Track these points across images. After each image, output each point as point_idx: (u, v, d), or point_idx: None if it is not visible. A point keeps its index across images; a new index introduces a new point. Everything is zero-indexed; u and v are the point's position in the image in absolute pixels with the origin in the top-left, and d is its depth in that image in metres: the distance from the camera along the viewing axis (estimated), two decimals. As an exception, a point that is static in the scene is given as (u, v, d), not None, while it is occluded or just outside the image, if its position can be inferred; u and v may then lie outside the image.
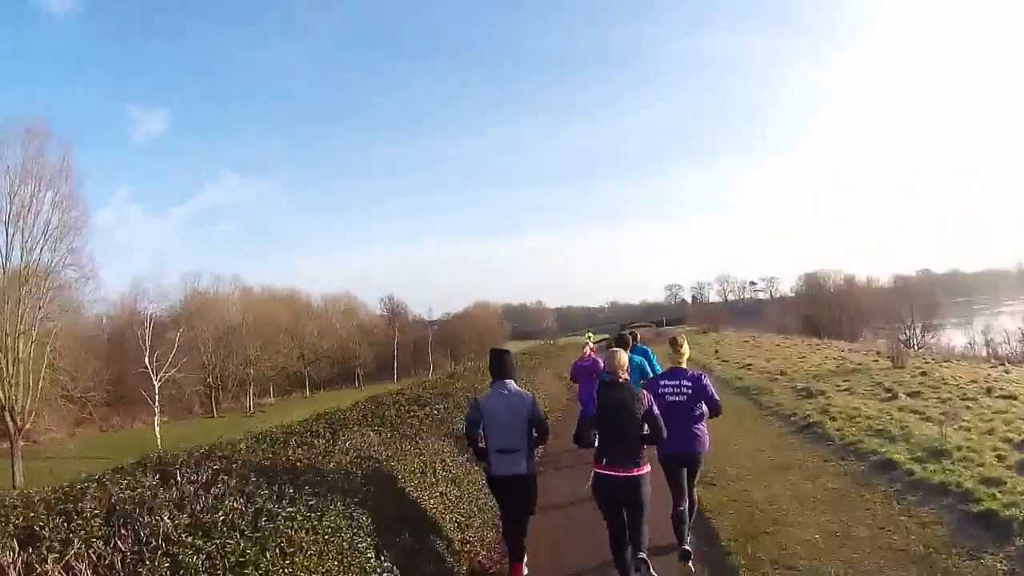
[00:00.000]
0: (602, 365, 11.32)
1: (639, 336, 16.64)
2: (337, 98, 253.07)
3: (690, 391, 8.74)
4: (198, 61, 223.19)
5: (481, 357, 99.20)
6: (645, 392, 7.82)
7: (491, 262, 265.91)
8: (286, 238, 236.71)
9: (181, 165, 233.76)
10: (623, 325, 78.71)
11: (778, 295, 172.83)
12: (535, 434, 8.21)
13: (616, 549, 7.60)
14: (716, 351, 45.07)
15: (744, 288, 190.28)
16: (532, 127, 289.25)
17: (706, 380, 8.97)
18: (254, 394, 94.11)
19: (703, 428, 8.83)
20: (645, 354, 14.74)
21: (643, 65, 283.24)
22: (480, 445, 8.22)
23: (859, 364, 29.55)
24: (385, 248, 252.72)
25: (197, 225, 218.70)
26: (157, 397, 60.39)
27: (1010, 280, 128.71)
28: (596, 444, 7.75)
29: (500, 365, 8.49)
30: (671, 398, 8.66)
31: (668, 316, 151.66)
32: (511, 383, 8.38)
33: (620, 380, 7.70)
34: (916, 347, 78.80)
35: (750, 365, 32.95)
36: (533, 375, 25.39)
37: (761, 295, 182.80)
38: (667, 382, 8.89)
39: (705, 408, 8.84)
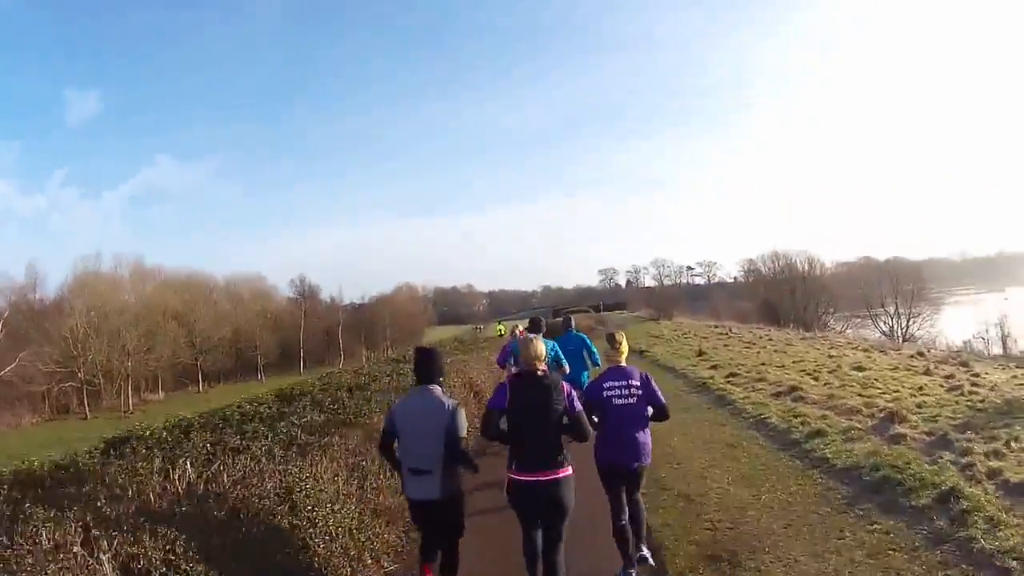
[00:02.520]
0: None
1: (573, 322, 15.92)
2: (272, 78, 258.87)
3: (640, 392, 7.97)
4: (132, 42, 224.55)
5: (400, 345, 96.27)
6: (564, 384, 7.07)
7: (421, 245, 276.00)
8: (221, 222, 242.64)
9: (116, 148, 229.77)
10: (556, 310, 72.83)
11: (716, 280, 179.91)
12: (449, 452, 7.13)
13: (529, 556, 7.01)
14: (701, 351, 33.20)
15: (681, 272, 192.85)
16: (464, 103, 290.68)
17: (653, 381, 8.23)
18: (140, 388, 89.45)
19: (648, 437, 8.11)
20: (583, 343, 14.37)
21: (578, 38, 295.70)
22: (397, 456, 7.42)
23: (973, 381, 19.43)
24: (314, 232, 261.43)
25: (135, 208, 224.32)
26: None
27: (954, 269, 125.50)
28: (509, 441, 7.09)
29: (425, 366, 7.44)
30: (619, 401, 7.92)
31: (606, 300, 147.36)
32: (435, 389, 7.33)
33: (536, 371, 7.02)
34: (902, 337, 76.35)
35: (799, 391, 19.01)
36: (466, 363, 23.81)
37: (699, 280, 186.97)
38: (613, 383, 8.01)
39: (650, 411, 8.10)
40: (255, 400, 17.52)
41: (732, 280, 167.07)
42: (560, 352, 13.63)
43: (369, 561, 8.58)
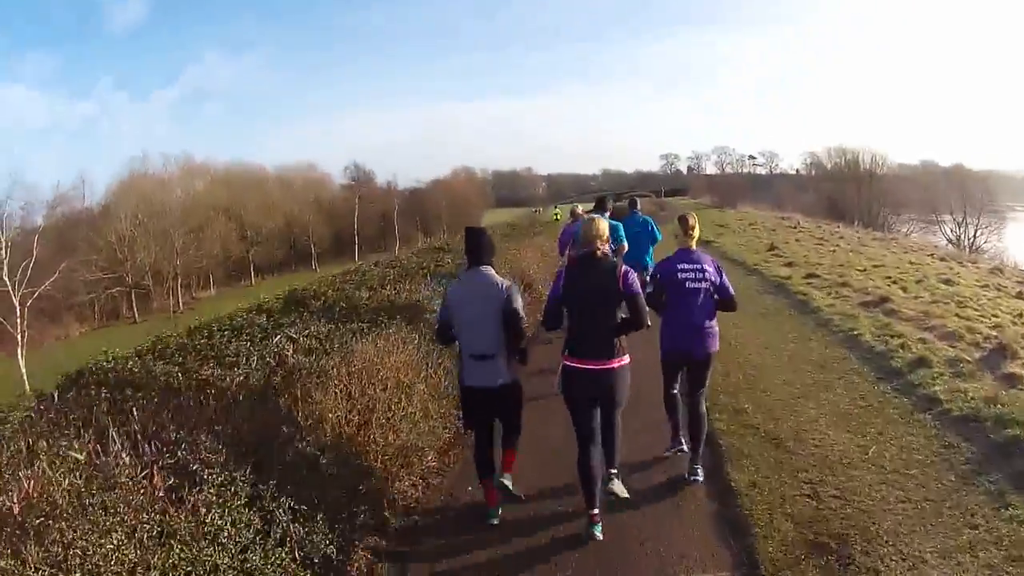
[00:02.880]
0: None
1: (639, 204, 15.98)
2: None
3: (713, 279, 7.73)
4: None
5: (457, 229, 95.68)
6: (624, 266, 6.80)
7: (479, 128, 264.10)
8: (273, 115, 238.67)
9: (162, 49, 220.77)
10: (618, 194, 70.91)
11: (777, 171, 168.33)
12: (511, 332, 7.02)
13: (583, 461, 6.73)
14: (772, 246, 30.83)
15: (742, 162, 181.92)
16: None
17: (723, 270, 7.94)
18: (192, 286, 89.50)
19: (716, 324, 7.87)
20: (647, 225, 14.36)
21: None
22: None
23: None
24: (369, 118, 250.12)
25: (185, 107, 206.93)
26: (19, 321, 54.97)
27: (1017, 183, 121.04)
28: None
29: (475, 247, 7.25)
30: (692, 284, 7.70)
31: (667, 186, 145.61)
32: (487, 269, 7.14)
33: (596, 253, 6.76)
34: (969, 247, 74.30)
35: (889, 303, 16.90)
36: (517, 253, 22.61)
37: (760, 170, 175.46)
38: (686, 265, 7.75)
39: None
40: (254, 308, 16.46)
41: (794, 172, 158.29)
42: (622, 231, 13.21)
43: (429, 456, 8.51)
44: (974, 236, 79.96)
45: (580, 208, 17.12)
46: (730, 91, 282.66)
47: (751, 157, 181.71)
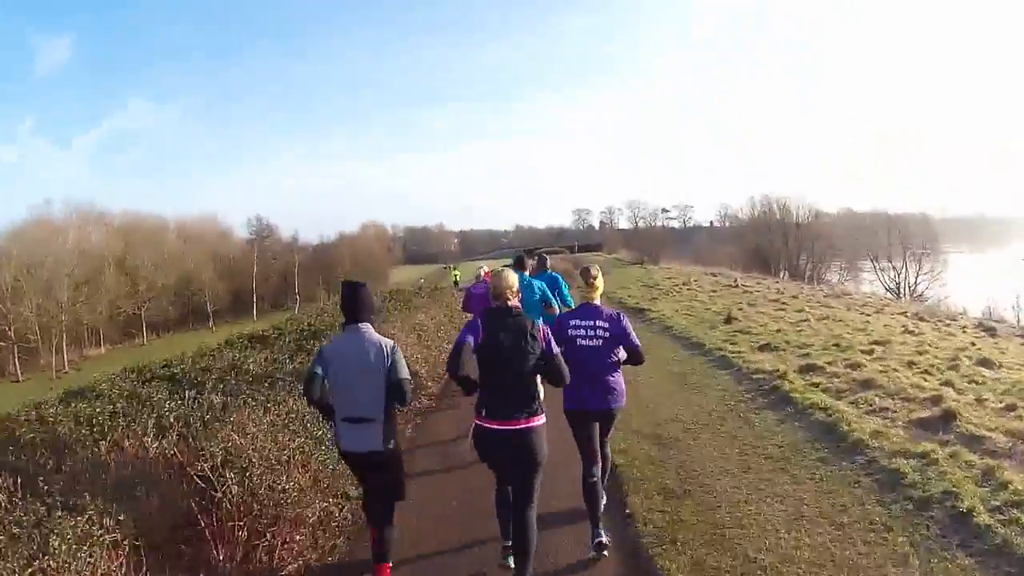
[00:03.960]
0: None
1: (548, 262, 14.05)
2: (236, 18, 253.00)
3: (607, 334, 7.29)
4: None
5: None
6: (540, 324, 6.50)
7: (391, 185, 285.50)
8: (190, 165, 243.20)
9: (85, 94, 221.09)
10: (528, 250, 65.62)
11: (691, 224, 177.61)
12: (394, 396, 6.54)
13: (500, 507, 6.84)
14: (728, 316, 23.43)
15: (656, 215, 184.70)
16: (436, 44, 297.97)
17: (625, 321, 7.48)
18: (83, 344, 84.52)
19: (619, 379, 7.45)
20: (555, 282, 12.84)
21: None
22: (328, 403, 6.68)
23: None
24: (281, 174, 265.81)
25: (105, 154, 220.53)
26: None
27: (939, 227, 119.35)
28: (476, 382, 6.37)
29: (352, 303, 6.77)
30: (583, 342, 7.29)
31: (581, 241, 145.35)
32: (367, 327, 6.69)
33: (509, 305, 6.44)
34: (909, 294, 73.36)
35: (960, 418, 10.17)
36: (425, 312, 22.31)
37: (674, 223, 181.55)
38: (579, 322, 7.38)
39: (622, 355, 7.44)
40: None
41: (708, 224, 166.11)
42: (548, 291, 12.10)
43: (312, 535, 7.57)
44: (915, 282, 78.37)
45: (486, 268, 15.81)
46: (640, 145, 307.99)
47: (664, 210, 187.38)
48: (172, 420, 9.00)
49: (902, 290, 76.50)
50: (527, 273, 12.01)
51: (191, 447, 7.87)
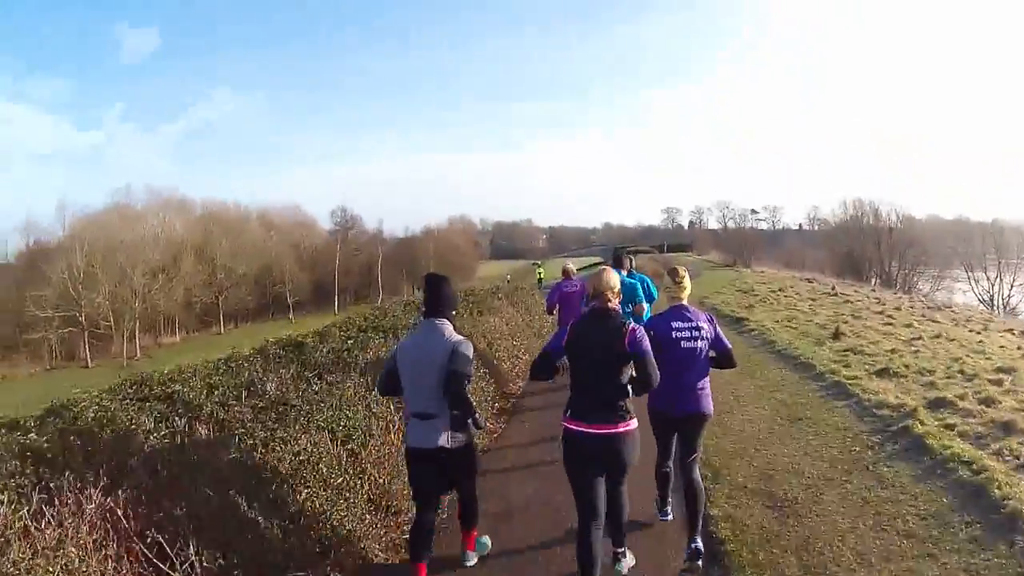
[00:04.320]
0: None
1: (632, 262, 13.52)
2: (325, 11, 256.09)
3: (709, 335, 7.05)
4: None
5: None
6: (633, 323, 6.10)
7: (481, 179, 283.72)
8: (275, 156, 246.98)
9: (172, 83, 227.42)
10: (617, 248, 63.33)
11: (780, 226, 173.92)
12: (448, 392, 6.21)
13: (584, 531, 6.04)
14: (836, 332, 19.71)
15: (745, 216, 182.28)
16: (534, 39, 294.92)
17: (716, 322, 7.31)
18: (157, 331, 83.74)
19: (708, 383, 7.17)
20: (643, 284, 12.26)
21: None
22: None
23: None
24: (374, 166, 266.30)
25: (190, 142, 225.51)
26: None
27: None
28: (568, 384, 6.24)
29: (432, 297, 6.65)
30: (687, 344, 7.00)
31: (670, 241, 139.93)
32: (442, 323, 6.49)
33: (607, 308, 6.14)
34: (1003, 307, 69.53)
35: None
36: (499, 316, 19.51)
37: (763, 225, 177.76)
38: (680, 323, 7.06)
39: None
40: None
41: (798, 227, 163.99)
42: (640, 289, 11.56)
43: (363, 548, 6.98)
44: (1009, 294, 74.09)
45: (572, 265, 15.72)
46: (731, 144, 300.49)
47: (754, 211, 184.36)
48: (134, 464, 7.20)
49: (995, 302, 72.50)
50: (624, 272, 11.49)
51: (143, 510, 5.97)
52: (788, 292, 35.74)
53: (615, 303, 6.19)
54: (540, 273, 61.96)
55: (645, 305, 11.66)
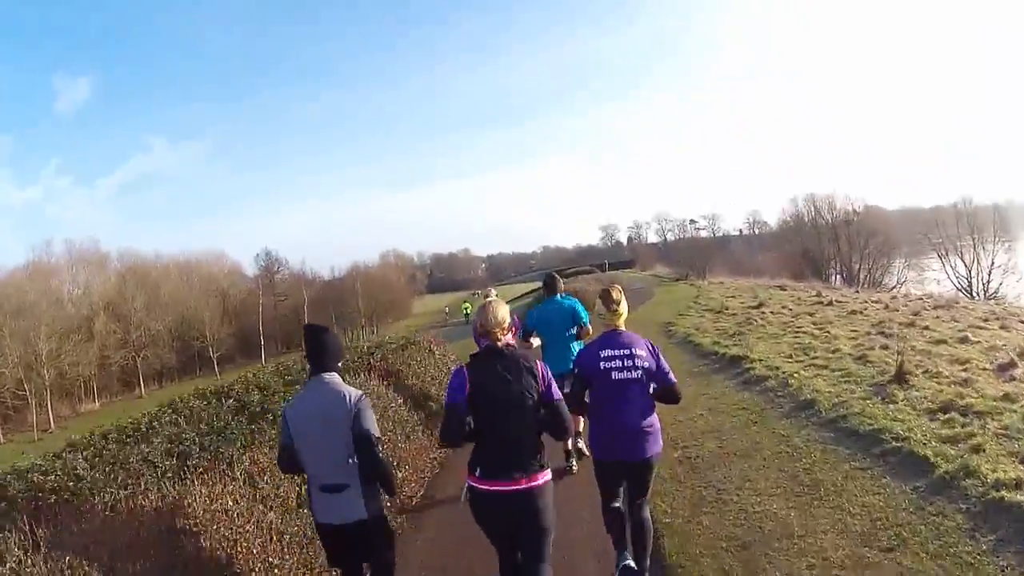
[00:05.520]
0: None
1: (560, 284, 11.40)
2: (257, 55, 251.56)
3: (647, 365, 6.18)
4: (118, 25, 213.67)
5: (382, 320, 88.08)
6: (539, 362, 5.52)
7: (415, 214, 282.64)
8: (215, 204, 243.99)
9: (107, 133, 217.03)
10: (559, 270, 58.50)
11: (720, 233, 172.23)
12: (363, 459, 5.56)
13: None
14: (901, 370, 12.14)
15: (684, 227, 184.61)
16: (456, 69, 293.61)
17: (659, 350, 6.44)
18: (75, 398, 77.35)
19: (656, 419, 6.31)
20: (574, 311, 10.72)
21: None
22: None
23: None
24: (302, 209, 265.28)
25: (128, 195, 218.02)
26: None
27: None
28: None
29: (316, 350, 5.84)
30: (619, 375, 6.16)
31: (610, 259, 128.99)
32: (332, 377, 5.75)
33: (499, 346, 5.51)
34: (984, 292, 65.56)
35: None
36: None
37: (703, 233, 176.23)
38: (610, 352, 6.24)
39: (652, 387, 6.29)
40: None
41: (739, 233, 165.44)
42: (581, 309, 10.34)
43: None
44: (988, 277, 68.69)
45: (495, 293, 13.73)
46: (662, 157, 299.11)
47: (692, 221, 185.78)
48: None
49: (973, 288, 67.71)
50: (560, 295, 10.52)
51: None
52: (771, 306, 27.52)
53: (507, 339, 5.51)
54: (466, 308, 65.09)
55: (590, 328, 9.92)
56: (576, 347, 9.62)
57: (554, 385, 5.38)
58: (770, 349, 17.00)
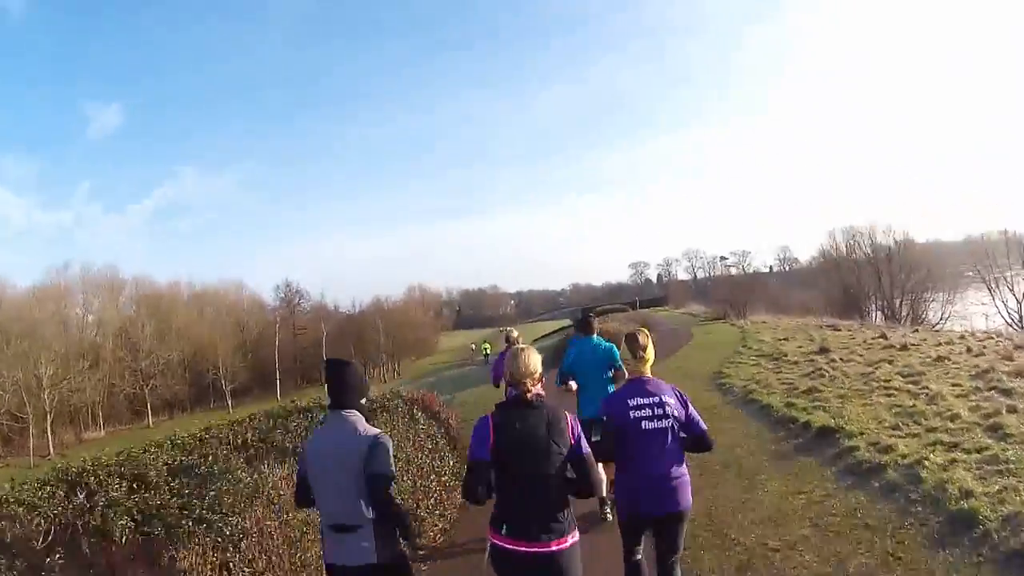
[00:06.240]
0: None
1: (595, 324, 10.77)
2: (292, 85, 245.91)
3: (678, 414, 5.72)
4: (149, 54, 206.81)
5: (404, 356, 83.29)
6: (567, 415, 5.05)
7: (443, 249, 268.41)
8: (243, 235, 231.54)
9: (138, 160, 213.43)
10: (585, 310, 54.46)
11: (751, 269, 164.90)
12: (372, 501, 5.12)
13: None
14: None
15: (714, 264, 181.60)
16: (483, 102, 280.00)
17: (687, 398, 5.97)
18: (79, 425, 74.98)
19: (686, 471, 5.81)
20: (611, 353, 9.95)
21: (594, 32, 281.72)
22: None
23: None
24: (330, 241, 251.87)
25: (158, 222, 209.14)
26: None
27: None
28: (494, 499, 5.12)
29: (336, 385, 5.36)
30: (649, 424, 5.69)
31: (640, 297, 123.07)
32: (351, 415, 5.24)
33: (528, 396, 5.02)
34: None
35: None
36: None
37: (733, 270, 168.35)
38: (640, 400, 5.75)
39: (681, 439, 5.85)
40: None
41: (768, 270, 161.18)
42: (617, 353, 9.45)
43: None
44: None
45: (516, 333, 12.15)
46: (693, 193, 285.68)
47: (723, 258, 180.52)
48: None
49: (1024, 321, 63.10)
50: (595, 336, 9.91)
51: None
52: (836, 351, 22.47)
53: (536, 390, 4.97)
54: (486, 348, 62.89)
55: (625, 371, 7.32)
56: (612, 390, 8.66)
57: (583, 439, 4.88)
58: (865, 415, 12.77)
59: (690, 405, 5.83)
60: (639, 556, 5.95)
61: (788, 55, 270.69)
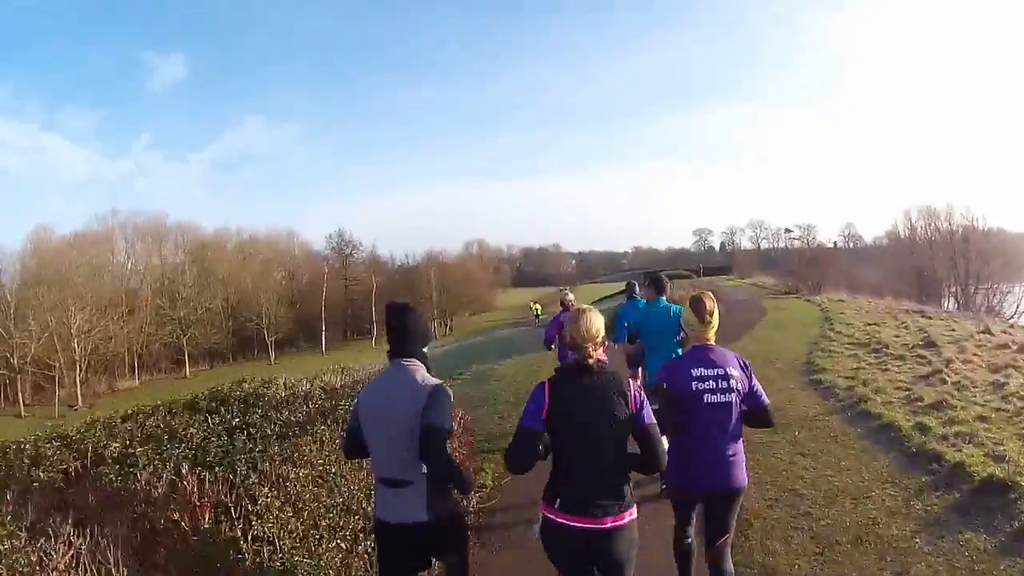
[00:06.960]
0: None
1: (637, 289, 11.77)
2: (354, 42, 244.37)
3: (741, 387, 5.13)
4: (211, 4, 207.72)
5: (461, 312, 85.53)
6: (631, 383, 4.48)
7: (506, 206, 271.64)
8: (304, 184, 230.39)
9: (200, 111, 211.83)
10: (648, 272, 50.44)
11: (815, 244, 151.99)
12: (425, 455, 4.65)
13: None
14: None
15: (779, 235, 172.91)
16: (552, 67, 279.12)
17: (752, 369, 5.35)
18: (113, 374, 72.20)
19: (742, 447, 5.30)
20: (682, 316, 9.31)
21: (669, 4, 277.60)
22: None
23: None
24: (393, 196, 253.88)
25: (219, 172, 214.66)
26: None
27: None
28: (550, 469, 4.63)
29: (397, 332, 4.95)
30: (712, 398, 5.11)
31: (703, 263, 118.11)
32: (411, 364, 4.81)
33: (589, 362, 4.43)
34: None
35: None
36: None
37: (797, 243, 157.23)
38: (703, 371, 5.15)
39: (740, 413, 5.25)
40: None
41: (832, 245, 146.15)
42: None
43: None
44: None
45: (571, 295, 12.40)
46: (761, 164, 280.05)
47: (787, 230, 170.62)
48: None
49: None
50: (664, 298, 9.36)
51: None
52: (946, 348, 17.81)
53: (598, 355, 4.43)
54: (536, 309, 61.08)
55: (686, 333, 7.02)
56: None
57: (647, 407, 4.33)
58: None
59: (754, 376, 5.19)
60: (690, 539, 5.45)
61: (861, 39, 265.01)
